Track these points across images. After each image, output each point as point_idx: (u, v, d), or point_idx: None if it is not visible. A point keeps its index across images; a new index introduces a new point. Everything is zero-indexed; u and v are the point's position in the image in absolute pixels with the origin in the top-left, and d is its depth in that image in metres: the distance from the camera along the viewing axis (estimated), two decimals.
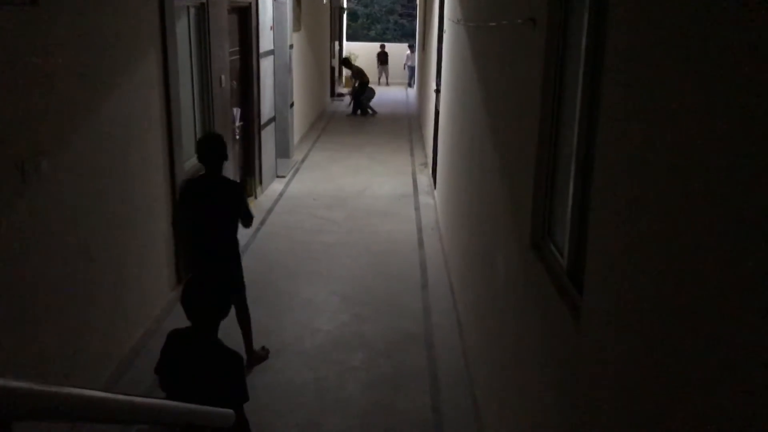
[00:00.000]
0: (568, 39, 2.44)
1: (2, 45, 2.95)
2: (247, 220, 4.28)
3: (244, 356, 4.41)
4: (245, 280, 4.48)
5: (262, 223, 7.50)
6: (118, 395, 1.38)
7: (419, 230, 7.49)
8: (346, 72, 20.59)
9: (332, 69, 18.32)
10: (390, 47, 23.47)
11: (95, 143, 3.87)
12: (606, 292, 1.70)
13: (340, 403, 4.10)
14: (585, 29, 2.07)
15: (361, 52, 22.92)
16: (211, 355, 2.64)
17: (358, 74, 16.14)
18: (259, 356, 4.51)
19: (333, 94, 18.50)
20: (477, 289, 4.26)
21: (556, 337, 2.22)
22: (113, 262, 4.16)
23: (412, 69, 22.74)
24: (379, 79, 22.66)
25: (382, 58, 22.90)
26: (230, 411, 2.42)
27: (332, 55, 18.34)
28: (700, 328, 1.17)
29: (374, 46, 23.70)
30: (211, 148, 4.09)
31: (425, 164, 10.62)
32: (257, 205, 8.13)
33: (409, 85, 22.98)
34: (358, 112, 16.03)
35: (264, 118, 8.52)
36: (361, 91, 15.99)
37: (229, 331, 3.59)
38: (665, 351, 1.31)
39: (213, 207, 4.14)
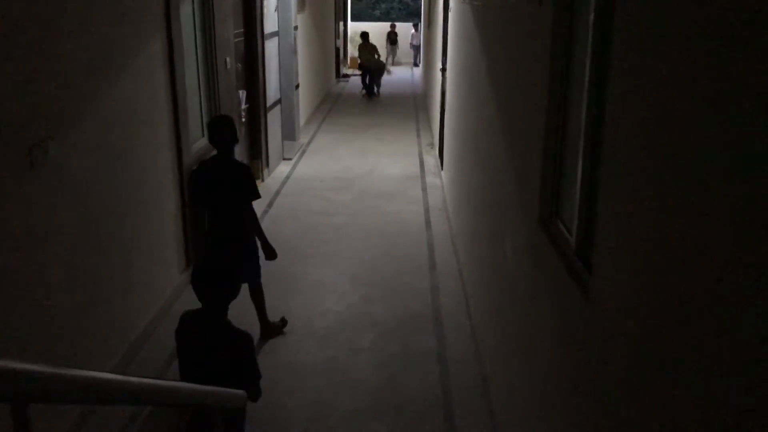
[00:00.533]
0: (575, 15, 2.42)
1: (8, 28, 2.94)
2: (250, 201, 4.24)
3: (257, 332, 4.48)
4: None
5: (270, 205, 7.50)
6: (130, 378, 1.40)
7: (426, 211, 7.48)
8: (351, 52, 20.49)
9: (337, 50, 18.22)
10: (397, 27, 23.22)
11: (102, 127, 3.87)
12: (615, 269, 1.70)
13: (350, 382, 4.13)
14: (593, 5, 2.04)
15: (372, 31, 22.73)
16: (220, 336, 2.66)
17: (373, 50, 16.05)
18: (275, 326, 4.61)
19: (338, 75, 18.41)
20: (485, 268, 4.26)
21: (564, 314, 2.22)
22: (122, 245, 4.18)
23: (417, 48, 22.59)
24: (388, 59, 22.49)
25: (392, 37, 22.63)
26: (242, 392, 2.44)
27: (337, 36, 18.22)
28: (711, 304, 1.17)
29: (380, 26, 23.46)
30: (221, 130, 4.14)
31: (432, 144, 10.58)
32: (264, 187, 8.12)
33: (415, 64, 22.82)
34: (375, 90, 15.82)
35: (269, 101, 8.49)
36: (376, 71, 15.74)
37: (241, 310, 3.61)
38: (675, 327, 1.31)
39: (224, 189, 4.20)
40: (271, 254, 4.38)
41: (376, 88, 15.90)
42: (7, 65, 2.93)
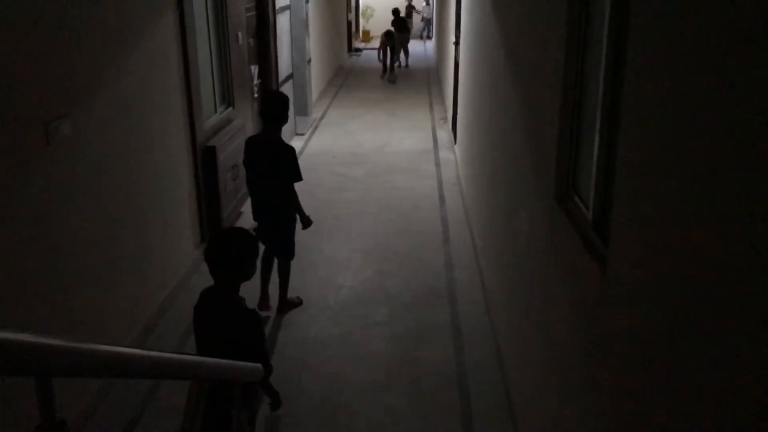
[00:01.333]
0: None
1: (24, 8, 2.93)
2: (293, 181, 4.34)
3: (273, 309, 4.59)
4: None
5: None
6: (151, 352, 1.41)
7: (440, 186, 7.47)
8: (363, 26, 20.31)
9: (349, 23, 18.08)
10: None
11: (116, 104, 3.87)
12: (632, 243, 1.68)
13: (366, 356, 4.16)
14: None
15: (379, 6, 22.51)
16: (228, 313, 2.67)
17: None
18: (291, 303, 4.69)
19: (350, 49, 18.29)
20: (499, 243, 4.26)
21: (581, 289, 2.21)
22: (138, 221, 4.21)
23: (428, 21, 22.35)
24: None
25: (409, 11, 22.26)
26: (258, 365, 2.47)
27: (349, 9, 18.07)
28: (729, 278, 1.16)
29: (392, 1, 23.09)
30: (271, 107, 4.27)
31: (445, 119, 10.52)
32: None
33: (427, 37, 22.59)
34: (400, 64, 15.51)
35: (281, 76, 8.46)
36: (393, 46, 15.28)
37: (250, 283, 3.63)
38: (694, 302, 1.30)
39: (264, 165, 4.28)
40: (308, 223, 4.55)
41: (399, 63, 15.47)
42: (22, 44, 2.94)
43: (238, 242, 2.69)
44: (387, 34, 15.06)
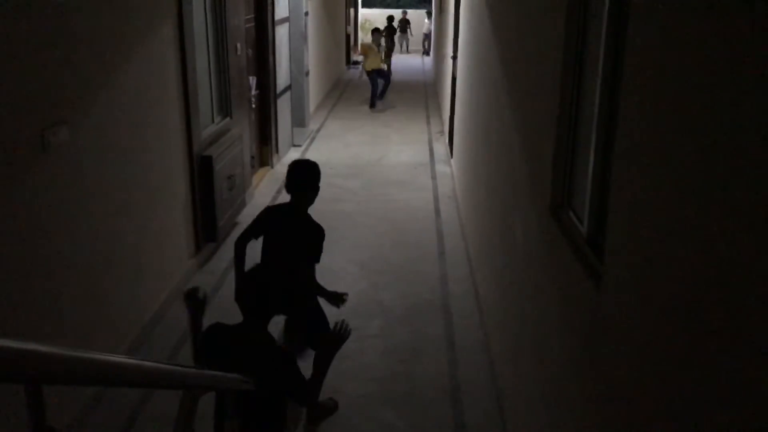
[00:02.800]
0: (590, 1, 2.39)
1: (22, 13, 2.94)
2: (311, 266, 3.62)
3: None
4: None
5: (279, 192, 7.51)
6: (142, 361, 1.41)
7: (436, 199, 7.47)
8: (362, 39, 20.39)
9: (347, 36, 18.16)
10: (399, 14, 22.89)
11: (113, 112, 3.87)
12: (627, 258, 1.69)
13: (358, 369, 4.15)
14: None
15: (378, 19, 22.59)
16: (262, 354, 2.48)
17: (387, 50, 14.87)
18: (325, 407, 3.73)
19: (348, 62, 18.35)
20: (495, 256, 4.26)
21: (575, 303, 2.21)
22: (133, 228, 4.20)
23: (427, 36, 22.43)
24: (401, 47, 22.36)
25: (403, 25, 22.39)
26: (250, 380, 2.43)
27: (347, 22, 18.15)
28: (723, 294, 1.16)
29: (391, 13, 23.20)
30: (303, 177, 3.52)
31: (442, 132, 10.55)
32: (274, 174, 8.14)
33: (425, 52, 22.67)
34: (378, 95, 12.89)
35: (280, 87, 8.48)
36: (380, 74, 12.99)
37: None
38: (686, 317, 1.30)
39: (287, 245, 3.50)
40: (337, 299, 3.73)
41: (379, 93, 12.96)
42: (20, 49, 2.94)
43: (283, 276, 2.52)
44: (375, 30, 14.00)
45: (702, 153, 1.27)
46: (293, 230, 3.52)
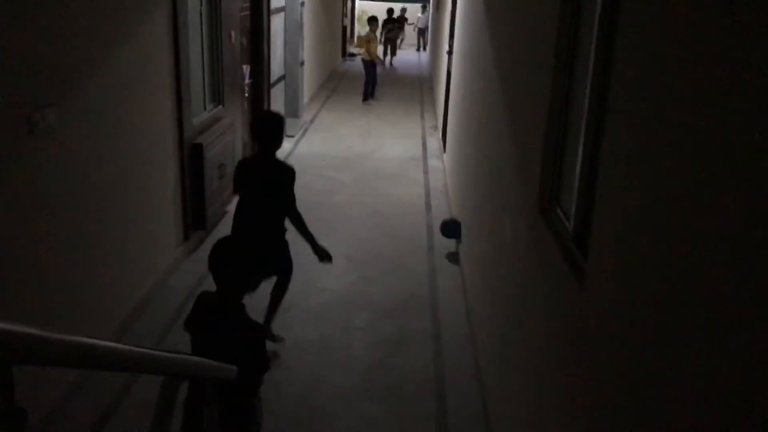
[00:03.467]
0: (583, 1, 2.39)
1: None
2: (291, 209, 3.99)
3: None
4: None
5: None
6: (117, 344, 1.39)
7: (427, 193, 7.47)
8: (358, 31, 20.34)
9: (344, 28, 18.11)
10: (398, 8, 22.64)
11: (103, 97, 3.84)
12: (611, 256, 1.69)
13: (344, 360, 4.14)
14: None
15: (375, 12, 22.49)
16: (232, 325, 2.58)
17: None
18: (271, 334, 4.19)
19: (344, 53, 18.31)
20: (483, 252, 4.26)
21: (560, 300, 2.22)
22: (120, 216, 4.17)
23: (421, 31, 22.23)
24: (400, 42, 22.22)
25: (401, 21, 22.05)
26: (233, 367, 2.43)
27: (344, 14, 18.09)
28: (706, 292, 1.16)
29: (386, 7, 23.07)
30: (266, 128, 3.94)
31: (435, 127, 10.54)
32: None
33: (418, 48, 22.51)
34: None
35: (274, 77, 8.44)
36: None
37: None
38: (669, 315, 1.31)
39: (261, 189, 3.94)
40: (323, 255, 4.10)
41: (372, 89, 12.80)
42: (8, 31, 2.91)
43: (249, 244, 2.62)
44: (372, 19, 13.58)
45: (687, 153, 1.27)
46: (265, 174, 3.94)
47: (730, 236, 1.08)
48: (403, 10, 22.51)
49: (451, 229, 5.72)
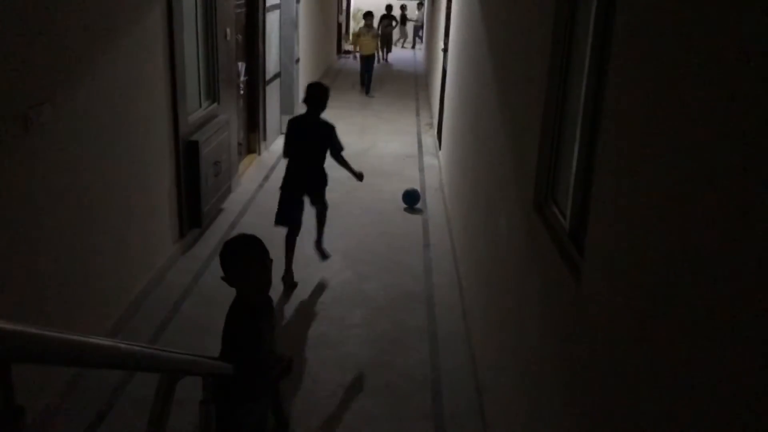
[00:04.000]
0: None
1: None
2: (338, 151, 5.10)
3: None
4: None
5: (265, 179, 7.48)
6: (114, 341, 1.40)
7: (423, 191, 7.47)
8: (353, 28, 20.29)
9: (339, 25, 18.08)
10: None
11: (98, 94, 3.83)
12: (607, 253, 1.70)
13: (340, 358, 4.15)
14: None
15: (373, 9, 22.36)
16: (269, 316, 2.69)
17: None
18: (289, 278, 5.05)
19: (339, 51, 18.28)
20: (479, 249, 4.27)
21: (556, 297, 2.22)
22: (116, 213, 4.17)
23: (416, 30, 22.12)
24: (403, 42, 22.07)
25: (402, 19, 21.75)
26: (229, 365, 2.44)
27: (340, 12, 18.07)
28: (702, 289, 1.17)
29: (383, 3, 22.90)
30: (314, 94, 4.94)
31: (431, 125, 10.54)
32: (261, 161, 8.10)
33: (413, 45, 22.39)
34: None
35: (269, 74, 8.43)
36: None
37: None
38: (665, 312, 1.31)
39: (309, 142, 4.99)
40: (359, 176, 5.43)
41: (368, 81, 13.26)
42: (2, 29, 2.89)
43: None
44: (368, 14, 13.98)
45: (681, 152, 1.28)
46: (312, 130, 5.00)
47: (726, 233, 1.09)
48: (403, 7, 22.13)
49: (411, 197, 6.88)
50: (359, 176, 5.43)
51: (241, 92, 7.46)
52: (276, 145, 8.83)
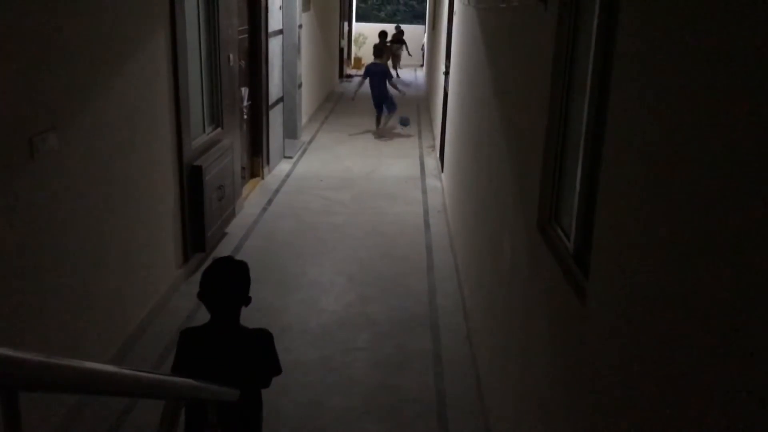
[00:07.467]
0: (579, 20, 2.42)
1: (11, 19, 2.94)
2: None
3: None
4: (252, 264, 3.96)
5: (269, 203, 7.51)
6: (121, 369, 1.40)
7: (426, 213, 7.48)
8: (355, 53, 20.47)
9: (341, 50, 18.23)
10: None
11: (103, 120, 3.86)
12: (612, 274, 1.69)
13: (345, 382, 4.12)
14: (597, 10, 2.04)
15: (372, 34, 22.58)
16: (240, 341, 2.58)
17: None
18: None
19: (342, 75, 18.42)
20: (482, 271, 4.26)
21: (561, 319, 2.21)
22: (120, 238, 4.18)
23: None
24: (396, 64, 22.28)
25: (398, 38, 21.98)
26: (235, 390, 2.43)
27: (341, 36, 18.24)
28: (708, 311, 1.17)
29: (385, 27, 23.07)
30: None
31: (433, 147, 10.58)
32: (264, 185, 8.13)
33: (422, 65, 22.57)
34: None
35: (272, 99, 8.49)
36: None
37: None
38: (671, 334, 1.31)
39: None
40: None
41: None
42: (9, 55, 2.93)
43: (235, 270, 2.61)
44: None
45: (687, 171, 1.28)
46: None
47: (734, 254, 1.09)
48: (400, 30, 22.39)
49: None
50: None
51: (245, 117, 7.51)
52: (279, 169, 8.86)
